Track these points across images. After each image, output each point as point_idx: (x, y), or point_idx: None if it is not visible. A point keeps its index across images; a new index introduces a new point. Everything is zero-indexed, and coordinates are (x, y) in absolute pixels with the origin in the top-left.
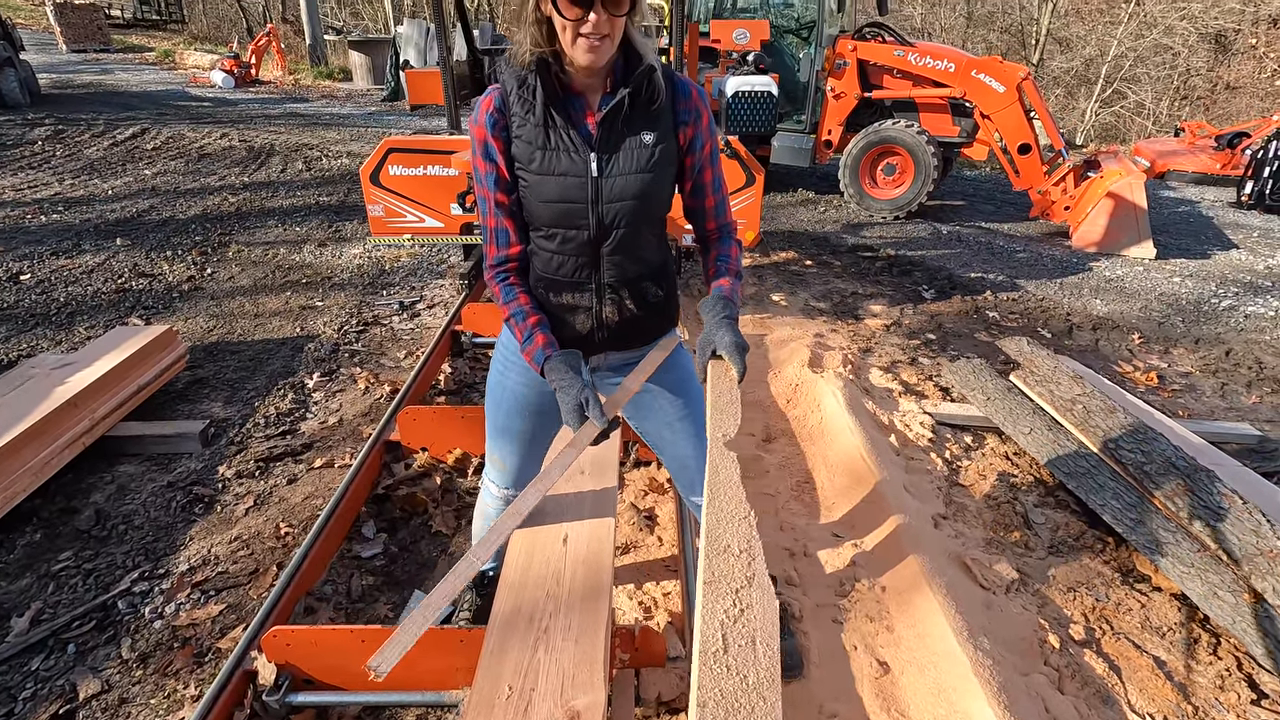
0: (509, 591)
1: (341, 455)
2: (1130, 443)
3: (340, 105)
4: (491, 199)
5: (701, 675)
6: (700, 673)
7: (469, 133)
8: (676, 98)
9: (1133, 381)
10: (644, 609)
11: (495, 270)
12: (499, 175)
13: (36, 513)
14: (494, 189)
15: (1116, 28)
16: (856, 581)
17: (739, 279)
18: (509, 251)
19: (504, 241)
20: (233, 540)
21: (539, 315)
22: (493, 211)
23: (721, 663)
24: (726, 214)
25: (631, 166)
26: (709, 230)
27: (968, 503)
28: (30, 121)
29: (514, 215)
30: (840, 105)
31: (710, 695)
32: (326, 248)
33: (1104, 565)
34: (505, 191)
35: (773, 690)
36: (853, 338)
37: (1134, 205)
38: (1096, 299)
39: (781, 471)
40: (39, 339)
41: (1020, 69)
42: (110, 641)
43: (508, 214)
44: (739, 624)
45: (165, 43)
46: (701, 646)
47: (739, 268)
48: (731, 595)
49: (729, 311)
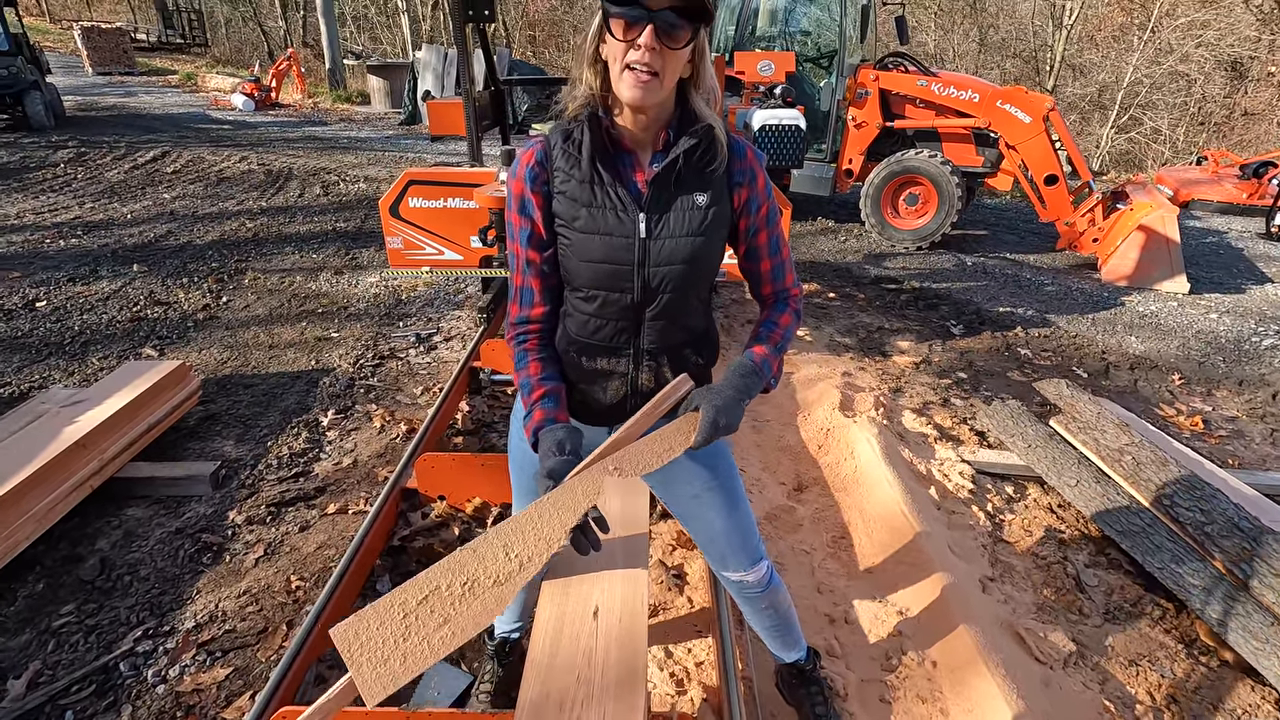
0: (536, 673)
1: (356, 500)
2: (1187, 499)
3: (358, 129)
4: (523, 256)
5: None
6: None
7: (506, 188)
8: (731, 158)
9: (1177, 426)
10: (676, 681)
11: (515, 331)
12: (534, 231)
13: (40, 560)
14: (526, 245)
15: (1132, 54)
16: (904, 654)
17: (778, 351)
18: (531, 313)
19: (528, 301)
20: (241, 594)
21: (544, 389)
22: (521, 269)
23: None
24: (785, 278)
25: (683, 229)
26: (764, 295)
27: (1015, 562)
28: (54, 144)
29: (542, 276)
30: (862, 134)
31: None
32: (343, 276)
33: (1165, 635)
34: (538, 249)
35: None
36: (882, 377)
37: (1166, 239)
38: (1132, 336)
39: (816, 525)
40: (51, 369)
41: (1046, 99)
42: (110, 709)
43: (536, 273)
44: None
45: (188, 66)
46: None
47: (782, 338)
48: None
49: (747, 384)
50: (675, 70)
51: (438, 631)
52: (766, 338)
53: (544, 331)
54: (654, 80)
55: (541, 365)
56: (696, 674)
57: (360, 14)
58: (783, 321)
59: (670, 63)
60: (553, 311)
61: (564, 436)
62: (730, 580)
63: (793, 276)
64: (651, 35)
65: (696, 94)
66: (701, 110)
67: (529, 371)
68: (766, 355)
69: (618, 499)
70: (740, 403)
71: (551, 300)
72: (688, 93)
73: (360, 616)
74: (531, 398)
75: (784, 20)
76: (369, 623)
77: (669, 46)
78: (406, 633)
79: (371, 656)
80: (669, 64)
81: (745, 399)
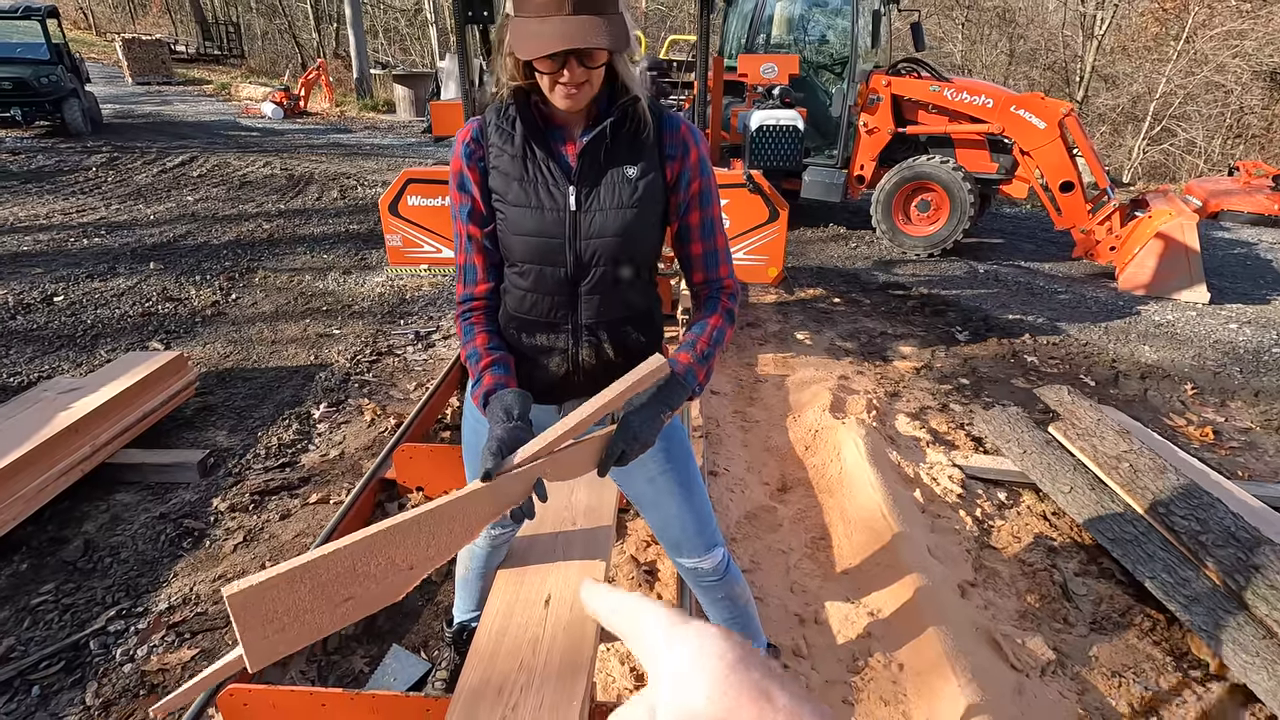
0: (479, 658)
1: (338, 491)
2: (1184, 508)
3: (382, 136)
4: (464, 232)
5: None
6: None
7: (450, 166)
8: (663, 131)
9: (1186, 436)
10: (636, 676)
11: (461, 309)
12: (473, 207)
13: (27, 541)
14: (466, 221)
15: (1165, 65)
16: (871, 656)
17: (704, 359)
18: (475, 289)
19: (471, 279)
20: (216, 579)
21: (492, 356)
22: (463, 246)
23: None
24: (718, 268)
25: (612, 202)
26: (696, 284)
27: (1000, 568)
28: (89, 149)
29: (484, 251)
30: (873, 140)
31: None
32: (351, 275)
33: (1154, 647)
34: (478, 225)
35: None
36: (879, 381)
37: (1185, 246)
38: (1145, 345)
39: (796, 526)
40: (61, 360)
41: (1063, 105)
42: (76, 685)
43: (479, 249)
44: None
45: (223, 76)
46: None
47: (710, 343)
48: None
49: (666, 397)
50: (601, 71)
51: (340, 606)
52: (692, 345)
53: (489, 308)
54: (584, 88)
55: (488, 336)
56: None
57: (390, 26)
58: (711, 323)
59: (595, 70)
60: (497, 289)
61: (512, 401)
62: (685, 568)
63: (727, 268)
64: (574, 67)
65: (621, 59)
66: (626, 76)
67: (476, 343)
68: (690, 364)
69: (584, 491)
70: (658, 416)
71: (495, 277)
72: (613, 62)
73: (266, 583)
74: (479, 366)
75: (799, 28)
76: (274, 591)
77: (590, 67)
78: (310, 605)
79: (266, 624)
80: (596, 72)
81: (665, 410)
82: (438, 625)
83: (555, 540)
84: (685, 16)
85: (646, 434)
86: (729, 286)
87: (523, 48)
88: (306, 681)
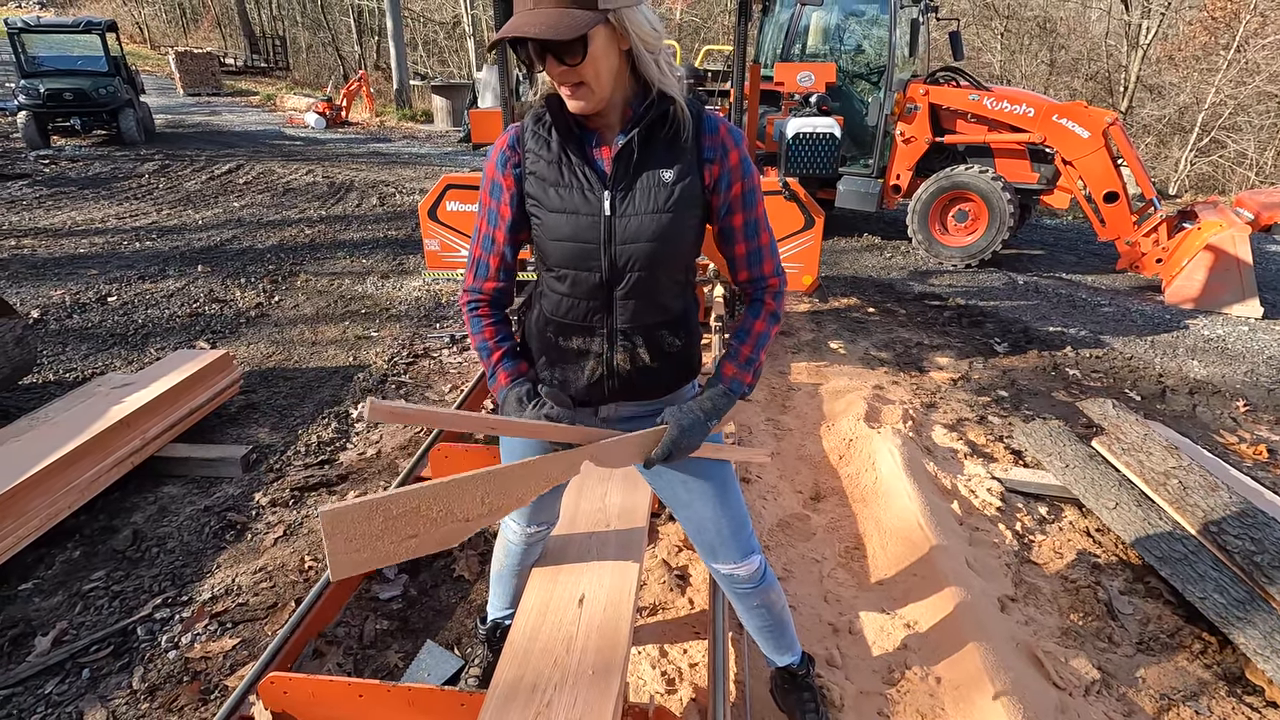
0: (513, 656)
1: (375, 488)
2: (1237, 527)
3: (420, 145)
4: (486, 232)
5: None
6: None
7: (483, 170)
8: (701, 133)
9: (1238, 454)
10: (667, 681)
11: (467, 298)
12: (499, 213)
13: (80, 529)
14: (491, 224)
15: (1214, 75)
16: (907, 668)
17: (749, 364)
18: (483, 285)
19: (482, 274)
20: (257, 571)
21: (503, 349)
22: (480, 242)
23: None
24: (763, 264)
25: (648, 206)
26: (741, 283)
27: (1041, 584)
28: (142, 157)
29: (500, 256)
30: (910, 150)
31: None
32: (389, 280)
33: (1205, 670)
34: (502, 230)
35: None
36: (915, 391)
37: (1236, 259)
38: (1194, 360)
39: (829, 535)
40: (114, 358)
41: (1108, 114)
42: (124, 669)
43: (496, 252)
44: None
45: (269, 87)
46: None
47: (755, 348)
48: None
49: (716, 406)
50: (602, 70)
51: (405, 542)
52: (737, 354)
53: (493, 302)
54: (584, 88)
55: (495, 329)
56: (689, 674)
57: (430, 39)
58: (756, 329)
59: (590, 68)
60: (504, 290)
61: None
62: (721, 573)
63: (773, 264)
64: (553, 64)
65: (647, 58)
66: (653, 76)
67: (484, 335)
68: (736, 374)
69: (618, 493)
70: (707, 423)
71: (505, 279)
72: (636, 60)
73: (350, 508)
74: (492, 359)
75: (835, 37)
76: (355, 515)
77: (571, 64)
78: (381, 534)
79: (347, 542)
80: (588, 71)
81: (713, 419)
82: (471, 623)
83: (589, 540)
84: (719, 27)
85: (693, 438)
86: (774, 285)
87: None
88: (343, 673)
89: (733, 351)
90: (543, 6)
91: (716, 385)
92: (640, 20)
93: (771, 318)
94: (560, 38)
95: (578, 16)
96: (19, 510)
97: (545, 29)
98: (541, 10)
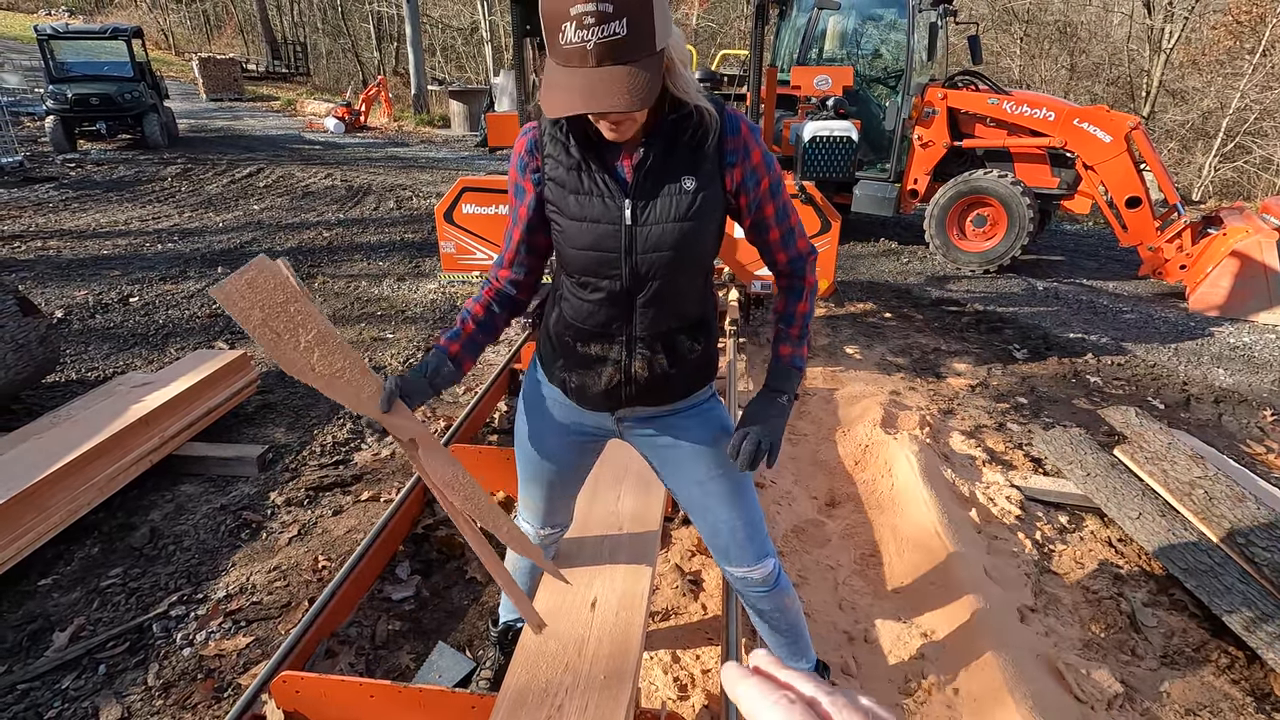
0: (525, 658)
1: (389, 489)
2: (1265, 539)
3: (437, 149)
4: (509, 228)
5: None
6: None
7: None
8: (725, 136)
9: (1265, 464)
10: (679, 686)
11: (490, 272)
12: (519, 213)
13: (99, 526)
14: (514, 223)
15: (1239, 79)
16: (924, 678)
17: (800, 341)
18: (499, 272)
19: (501, 262)
20: (271, 570)
21: (470, 327)
22: (507, 235)
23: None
24: (796, 243)
25: (670, 215)
26: (780, 264)
27: (1061, 594)
28: (165, 160)
29: (517, 251)
30: (928, 154)
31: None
32: (405, 282)
33: (1232, 685)
34: (526, 231)
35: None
36: (932, 397)
37: (1264, 266)
38: (1219, 368)
39: (845, 541)
40: (134, 358)
41: (1130, 118)
42: (139, 665)
43: (514, 247)
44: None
45: (290, 92)
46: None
47: (802, 328)
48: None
49: (783, 383)
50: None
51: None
52: (787, 336)
53: (504, 286)
54: (628, 122)
55: (483, 308)
56: (702, 681)
57: (448, 44)
58: (800, 310)
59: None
60: (516, 282)
61: (426, 361)
62: (735, 576)
63: (805, 241)
64: (611, 122)
65: (685, 77)
66: (678, 88)
67: (474, 312)
68: (794, 352)
69: (631, 496)
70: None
71: (521, 273)
72: (673, 82)
73: (277, 272)
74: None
75: (853, 41)
76: (273, 280)
77: (628, 119)
78: (279, 309)
79: (251, 291)
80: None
81: (784, 396)
82: (483, 625)
83: (602, 544)
84: (735, 32)
85: (775, 428)
86: (812, 260)
87: (547, 101)
88: (355, 673)
89: (783, 335)
90: (606, 64)
91: (778, 365)
92: (677, 41)
93: (811, 294)
94: (645, 107)
95: (646, 73)
96: (40, 505)
97: (623, 100)
98: (605, 70)
